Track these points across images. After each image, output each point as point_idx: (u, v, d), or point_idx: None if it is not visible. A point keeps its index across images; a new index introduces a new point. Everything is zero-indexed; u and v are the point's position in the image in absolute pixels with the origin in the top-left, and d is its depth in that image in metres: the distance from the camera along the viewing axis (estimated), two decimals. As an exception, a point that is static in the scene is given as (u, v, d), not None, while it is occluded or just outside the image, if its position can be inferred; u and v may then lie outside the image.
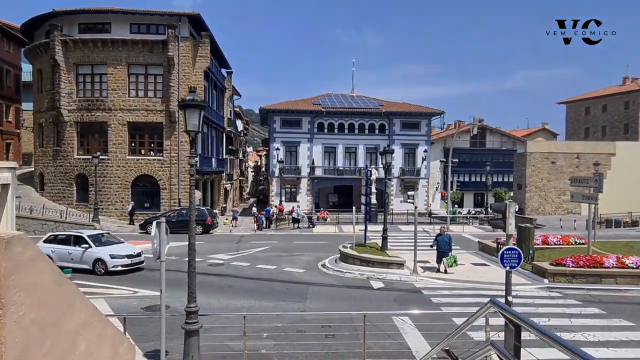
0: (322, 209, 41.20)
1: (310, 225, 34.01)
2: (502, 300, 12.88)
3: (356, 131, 45.57)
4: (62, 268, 14.09)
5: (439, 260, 16.40)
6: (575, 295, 13.72)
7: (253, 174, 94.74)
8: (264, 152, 73.74)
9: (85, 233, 17.84)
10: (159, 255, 7.29)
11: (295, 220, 34.12)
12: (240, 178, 68.17)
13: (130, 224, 30.80)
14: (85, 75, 32.79)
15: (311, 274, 16.66)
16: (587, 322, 11.05)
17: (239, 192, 68.69)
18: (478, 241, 21.59)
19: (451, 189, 33.18)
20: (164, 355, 7.29)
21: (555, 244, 19.51)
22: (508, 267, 7.55)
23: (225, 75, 46.54)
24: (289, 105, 45.75)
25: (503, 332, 8.82)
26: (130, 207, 31.03)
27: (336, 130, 45.39)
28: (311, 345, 9.28)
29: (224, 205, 46.22)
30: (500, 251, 7.59)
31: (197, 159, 6.87)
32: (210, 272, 16.85)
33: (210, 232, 28.57)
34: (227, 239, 26.57)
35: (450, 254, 16.34)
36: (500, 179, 52.55)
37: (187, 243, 22.60)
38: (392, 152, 18.49)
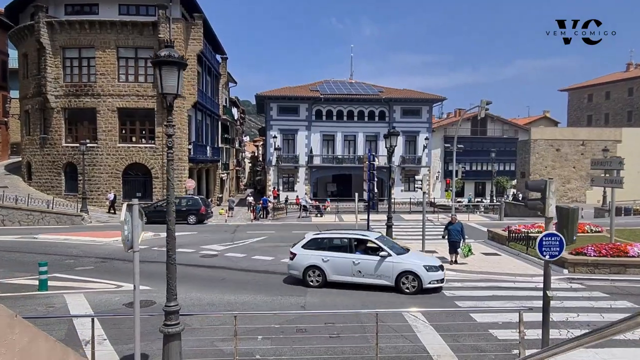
0: (327, 199, 39.96)
1: (318, 215, 32.67)
2: (533, 292, 11.38)
3: (355, 118, 44.22)
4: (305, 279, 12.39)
5: (452, 251, 15.18)
6: (600, 287, 12.59)
7: (250, 164, 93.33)
8: (261, 142, 72.32)
9: (371, 236, 13.17)
10: (132, 245, 6.07)
11: (304, 209, 32.97)
12: (237, 168, 66.82)
13: (110, 212, 29.64)
14: (73, 59, 31.28)
15: (311, 266, 15.45)
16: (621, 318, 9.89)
17: (236, 182, 67.37)
18: (487, 230, 20.45)
19: (456, 177, 31.94)
20: (138, 362, 6.09)
21: (570, 232, 18.32)
22: (548, 257, 6.35)
23: (220, 61, 45.03)
24: (286, 91, 44.32)
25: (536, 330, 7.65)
26: (112, 196, 29.70)
27: (335, 118, 44.03)
28: (313, 347, 8.11)
29: (220, 195, 44.96)
30: (539, 238, 6.38)
31: (173, 130, 5.54)
32: (202, 264, 15.65)
33: (205, 222, 27.36)
34: (222, 229, 25.35)
35: (464, 243, 15.08)
36: (502, 168, 51.31)
37: (180, 234, 21.09)
38: (398, 134, 17.24)
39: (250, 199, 36.58)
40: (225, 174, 51.68)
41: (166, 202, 6.36)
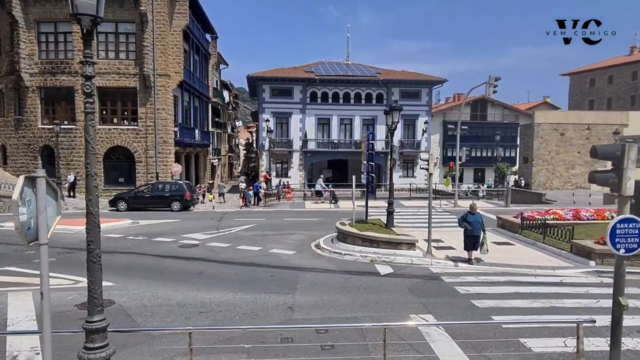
0: (330, 185, 38.09)
1: (333, 201, 30.49)
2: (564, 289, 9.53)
3: (352, 101, 42.22)
4: None
5: (470, 247, 12.58)
6: (636, 281, 10.88)
7: (245, 151, 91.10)
8: (255, 128, 70.12)
9: None
10: (36, 235, 4.23)
11: (318, 194, 31.06)
12: (230, 154, 64.78)
13: (70, 196, 27.75)
14: (48, 34, 29.05)
15: (303, 257, 13.72)
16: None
17: (229, 169, 65.39)
18: (497, 217, 18.72)
19: (460, 161, 30.20)
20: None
21: (588, 219, 16.66)
22: (623, 250, 4.61)
23: (210, 40, 42.75)
24: (280, 72, 42.16)
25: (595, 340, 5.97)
26: (71, 178, 27.62)
27: (330, 101, 42.00)
28: (301, 364, 6.35)
29: (211, 182, 42.98)
30: (611, 224, 4.59)
31: (93, 68, 3.56)
32: (179, 255, 13.83)
33: (190, 208, 25.50)
34: (208, 216, 23.50)
35: (485, 235, 12.62)
36: (502, 154, 49.66)
37: (161, 221, 19.28)
38: (400, 109, 15.37)
39: (242, 185, 34.72)
40: (217, 160, 49.70)
41: (85, 174, 4.48)
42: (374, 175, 15.80)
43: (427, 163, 13.49)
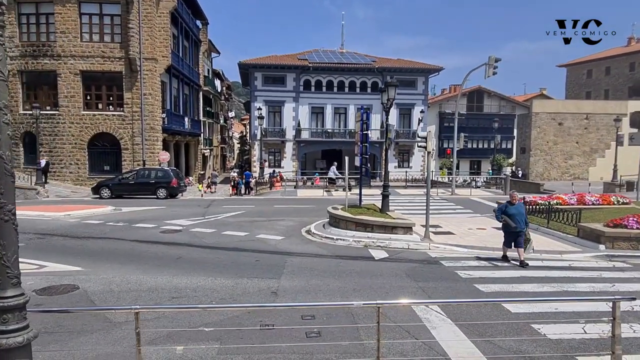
0: (317, 174, 37.15)
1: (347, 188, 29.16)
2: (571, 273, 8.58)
3: (346, 90, 41.26)
4: None
5: (510, 244, 10.31)
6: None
7: (239, 145, 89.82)
8: (248, 120, 68.88)
9: None
10: None
11: (332, 181, 30.12)
12: (222, 146, 63.65)
13: (43, 182, 26.17)
14: (29, 15, 27.76)
15: (292, 242, 12.79)
16: None
17: (222, 160, 64.28)
18: (497, 202, 17.85)
19: (458, 147, 29.37)
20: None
21: (594, 204, 15.87)
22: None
23: (200, 26, 41.53)
24: (272, 60, 41.08)
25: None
26: (43, 163, 26.21)
27: (324, 89, 41.02)
28: (282, 353, 5.45)
29: (202, 172, 41.93)
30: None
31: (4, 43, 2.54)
32: (159, 241, 12.86)
33: (177, 196, 24.49)
34: (195, 203, 22.51)
35: (527, 231, 10.47)
36: (498, 146, 48.97)
37: (145, 208, 18.27)
38: (396, 84, 14.37)
39: (234, 173, 33.73)
40: (208, 150, 48.65)
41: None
42: (367, 156, 14.84)
43: (425, 141, 12.55)
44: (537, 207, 15.14)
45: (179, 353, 5.48)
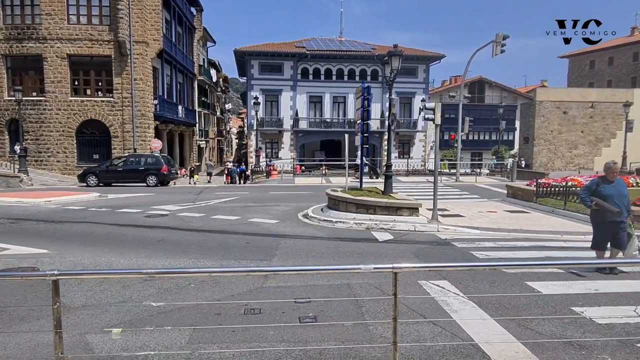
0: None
1: (374, 176, 27.89)
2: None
3: (345, 78, 40.04)
4: None
5: (607, 242, 7.03)
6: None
7: (237, 140, 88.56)
8: (245, 114, 67.56)
9: None
10: None
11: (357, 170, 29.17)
12: (219, 138, 62.40)
13: (25, 169, 24.72)
14: (14, -4, 26.60)
15: (286, 225, 11.70)
16: None
17: (218, 153, 63.05)
18: (507, 185, 16.85)
19: (462, 131, 28.28)
20: None
21: (612, 186, 14.73)
22: None
23: (195, 13, 40.27)
24: (269, 47, 39.85)
25: None
26: (18, 150, 24.69)
27: (323, 77, 39.82)
28: (268, 341, 4.35)
29: (197, 164, 40.76)
30: None
31: None
32: (141, 224, 11.74)
33: (168, 184, 23.36)
34: (186, 190, 21.42)
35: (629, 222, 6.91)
36: (500, 137, 47.91)
37: (132, 195, 17.06)
38: (401, 53, 13.21)
39: (229, 164, 32.66)
40: (204, 142, 47.48)
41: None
42: (368, 134, 13.70)
43: (432, 112, 11.45)
44: (551, 188, 14.05)
45: (116, 338, 4.39)
